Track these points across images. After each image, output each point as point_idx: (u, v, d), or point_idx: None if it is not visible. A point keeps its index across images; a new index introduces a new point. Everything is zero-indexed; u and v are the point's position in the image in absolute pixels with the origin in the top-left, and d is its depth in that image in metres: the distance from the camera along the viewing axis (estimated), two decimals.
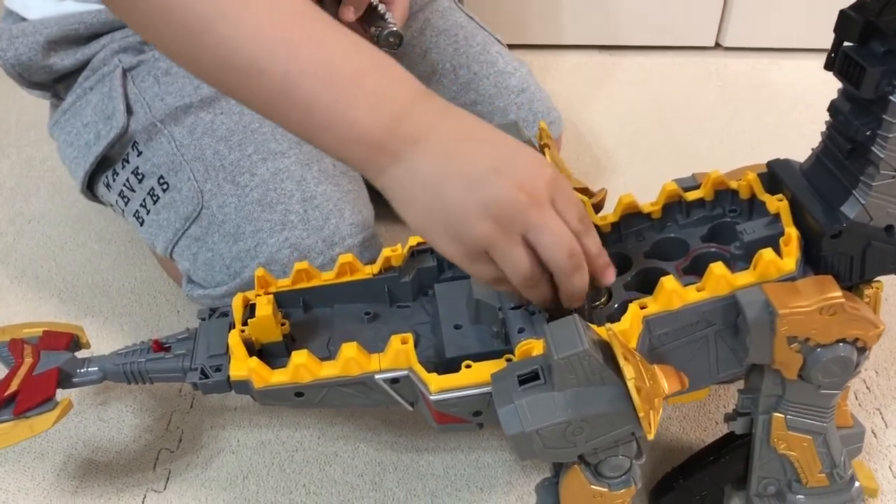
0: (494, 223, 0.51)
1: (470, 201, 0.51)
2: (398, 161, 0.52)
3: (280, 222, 0.74)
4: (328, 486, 0.72)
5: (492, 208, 0.50)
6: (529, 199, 0.51)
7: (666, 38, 1.29)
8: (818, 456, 0.61)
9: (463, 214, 0.51)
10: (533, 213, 0.51)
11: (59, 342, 0.66)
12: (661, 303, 0.54)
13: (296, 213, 0.74)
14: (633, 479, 0.55)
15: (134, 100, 0.81)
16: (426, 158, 0.52)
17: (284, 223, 0.74)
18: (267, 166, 0.76)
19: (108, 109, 0.81)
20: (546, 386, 0.50)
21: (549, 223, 0.52)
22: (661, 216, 0.64)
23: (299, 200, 0.75)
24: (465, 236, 0.51)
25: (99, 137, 0.81)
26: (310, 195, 0.75)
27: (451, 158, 0.52)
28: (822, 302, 0.51)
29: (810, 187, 0.57)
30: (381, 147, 0.52)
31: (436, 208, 0.52)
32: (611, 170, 1.08)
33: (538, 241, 0.52)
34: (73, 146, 0.84)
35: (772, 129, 1.13)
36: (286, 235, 0.73)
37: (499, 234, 0.51)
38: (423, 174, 0.52)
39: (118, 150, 0.81)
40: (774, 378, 0.58)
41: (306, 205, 0.75)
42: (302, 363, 0.56)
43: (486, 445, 0.75)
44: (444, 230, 0.52)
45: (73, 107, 0.84)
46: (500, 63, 0.93)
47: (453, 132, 0.53)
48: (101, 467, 0.75)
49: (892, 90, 0.48)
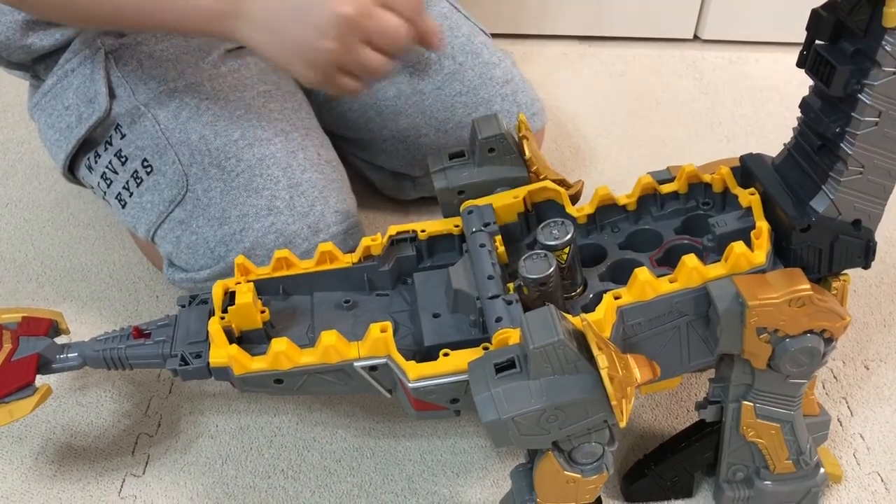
0: (336, 41, 0.61)
1: (308, 31, 0.61)
2: (238, 18, 0.64)
3: (266, 207, 0.74)
4: (306, 471, 0.73)
5: (328, 30, 0.61)
6: (356, 10, 0.61)
7: (645, 29, 1.30)
8: (785, 443, 0.63)
9: (305, 44, 0.62)
10: (362, 21, 0.61)
11: (38, 328, 0.66)
12: (635, 293, 0.55)
13: (282, 199, 0.74)
14: (606, 465, 0.56)
15: (117, 83, 0.81)
16: (257, 6, 0.63)
17: (270, 208, 0.74)
18: (253, 152, 0.76)
19: (91, 92, 0.80)
20: (522, 374, 0.51)
21: (380, 23, 0.63)
22: (636, 208, 0.65)
23: (285, 187, 0.75)
24: (316, 61, 0.62)
25: (81, 120, 0.81)
26: (296, 182, 0.76)
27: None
28: (790, 294, 0.53)
29: (781, 182, 0.58)
30: (220, 12, 0.64)
31: (284, 47, 0.63)
32: (590, 159, 1.09)
33: (377, 44, 0.63)
34: (54, 128, 0.84)
35: (748, 120, 1.14)
36: (272, 221, 0.74)
37: (343, 50, 0.62)
38: (262, 21, 0.63)
39: (100, 133, 0.81)
40: (744, 367, 0.59)
41: (292, 191, 0.75)
42: (282, 350, 0.57)
43: (463, 432, 0.76)
44: (298, 62, 0.63)
45: (54, 88, 0.84)
46: (485, 54, 0.93)
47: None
48: (79, 452, 0.75)
49: (861, 89, 0.50)
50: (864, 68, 0.49)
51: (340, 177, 0.81)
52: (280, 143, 0.78)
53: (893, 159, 0.53)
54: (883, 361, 0.81)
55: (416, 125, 0.92)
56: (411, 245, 0.67)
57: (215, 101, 0.79)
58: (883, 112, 0.50)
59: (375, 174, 1.00)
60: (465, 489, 0.72)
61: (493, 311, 0.58)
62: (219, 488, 0.72)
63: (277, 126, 0.79)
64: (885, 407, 0.77)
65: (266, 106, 0.81)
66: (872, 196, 0.54)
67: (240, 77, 0.82)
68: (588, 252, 0.65)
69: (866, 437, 0.74)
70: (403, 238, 0.67)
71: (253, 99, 0.80)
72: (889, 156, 0.52)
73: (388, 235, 0.66)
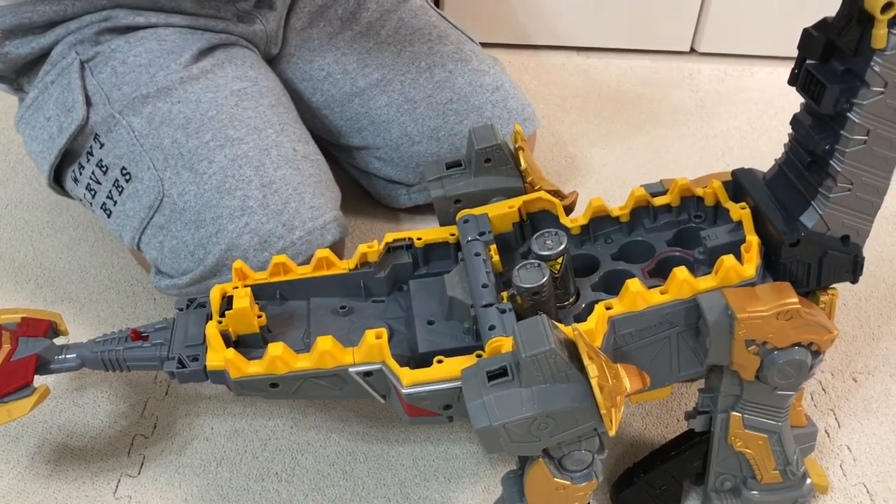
0: None
1: None
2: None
3: (239, 208, 0.75)
4: (300, 474, 0.74)
5: None
6: None
7: (642, 41, 1.31)
8: (773, 454, 0.64)
9: None
10: None
11: (37, 329, 0.66)
12: (626, 304, 0.56)
13: (255, 199, 0.75)
14: (595, 472, 0.57)
15: (93, 91, 0.81)
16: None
17: (244, 209, 0.75)
18: (225, 153, 0.77)
19: (69, 102, 0.81)
20: (514, 382, 0.52)
21: None
22: (629, 220, 0.66)
23: (258, 186, 0.75)
24: None
25: (61, 130, 0.81)
26: (269, 180, 0.76)
27: None
28: (779, 307, 0.54)
29: (772, 196, 0.59)
30: None
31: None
32: (584, 170, 1.10)
33: None
34: (37, 140, 0.84)
35: (743, 133, 1.15)
36: (246, 221, 0.74)
37: None
38: None
39: (81, 143, 0.81)
40: (733, 378, 0.60)
41: (265, 190, 0.75)
42: (278, 355, 0.58)
43: (455, 437, 0.77)
44: None
45: (35, 101, 0.84)
46: (475, 62, 0.94)
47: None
48: (75, 452, 0.76)
49: (850, 107, 0.51)
50: (854, 87, 0.50)
51: (318, 171, 0.81)
52: (253, 141, 0.78)
53: (881, 177, 0.54)
54: (871, 374, 0.82)
55: (408, 133, 0.92)
56: (407, 253, 0.68)
57: (187, 104, 0.79)
58: (871, 130, 0.51)
59: (369, 182, 1.00)
60: (456, 494, 0.72)
61: (487, 320, 0.58)
62: (213, 490, 0.73)
63: (251, 124, 0.79)
64: (872, 419, 0.78)
65: (239, 105, 0.81)
66: (861, 212, 0.55)
67: (212, 77, 0.82)
68: (581, 262, 0.66)
69: (853, 449, 0.75)
70: (400, 245, 0.68)
71: (225, 99, 0.80)
72: (877, 173, 0.53)
73: (384, 243, 0.67)
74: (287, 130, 0.82)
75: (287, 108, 0.86)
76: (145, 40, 0.83)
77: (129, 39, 0.82)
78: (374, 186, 1.00)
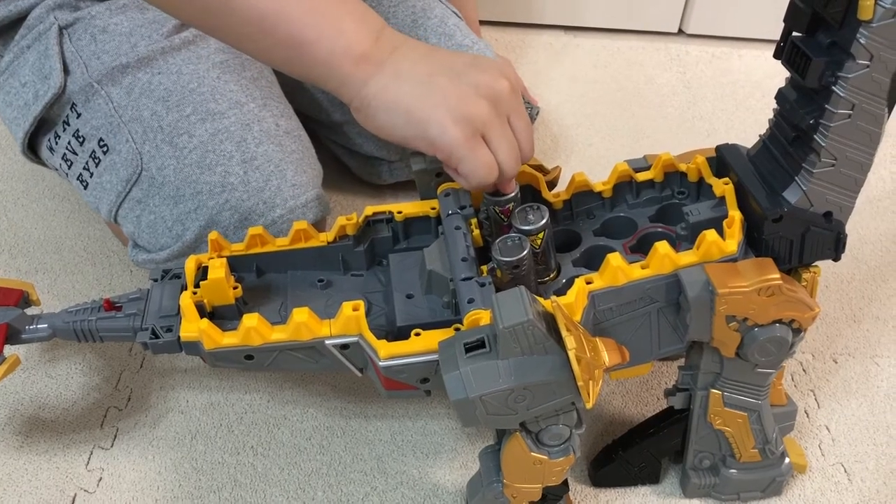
0: (489, 103, 0.59)
1: (462, 86, 0.59)
2: (382, 68, 0.60)
3: (220, 184, 0.73)
4: (276, 448, 0.73)
5: (483, 90, 0.59)
6: (510, 86, 0.60)
7: (630, 21, 1.30)
8: (752, 432, 0.64)
9: (461, 95, 0.58)
10: (514, 98, 0.61)
11: (8, 298, 0.65)
12: (607, 279, 0.56)
13: (236, 175, 0.73)
14: (573, 447, 0.57)
15: (71, 59, 0.79)
16: (408, 62, 0.60)
17: (224, 185, 0.73)
18: (206, 127, 0.75)
19: (45, 69, 0.79)
20: (491, 354, 0.51)
21: (522, 111, 0.61)
22: (611, 195, 0.66)
23: (239, 162, 0.74)
24: (468, 113, 0.58)
25: (37, 97, 0.79)
26: (250, 156, 0.74)
27: (429, 59, 0.61)
28: (760, 283, 0.53)
29: (756, 172, 0.58)
30: (367, 56, 0.60)
31: (430, 97, 0.59)
32: (569, 149, 1.09)
33: (515, 126, 0.61)
34: (12, 106, 0.82)
35: (729, 115, 1.15)
36: (226, 197, 0.73)
37: (494, 115, 0.59)
38: (409, 73, 0.59)
39: (57, 111, 0.80)
40: (713, 355, 0.60)
41: (246, 166, 0.74)
42: (253, 326, 0.57)
43: (433, 413, 0.76)
44: (443, 113, 0.58)
45: (10, 66, 0.82)
46: (458, 36, 0.93)
47: (420, 45, 0.63)
48: (47, 424, 0.75)
49: (835, 81, 0.50)
50: (839, 60, 0.50)
51: (301, 147, 0.79)
52: (234, 116, 0.76)
53: (865, 152, 0.53)
54: (851, 356, 0.82)
55: None
56: (387, 226, 0.67)
57: (168, 76, 0.77)
58: (856, 105, 0.51)
59: (350, 158, 0.99)
60: (434, 470, 0.72)
61: (466, 293, 0.58)
62: (187, 463, 0.72)
63: (232, 98, 0.77)
64: (851, 400, 0.78)
65: (221, 78, 0.79)
66: (844, 188, 0.55)
67: (194, 49, 0.80)
68: (563, 238, 0.65)
69: (832, 429, 0.75)
70: (379, 219, 0.67)
71: (207, 71, 0.78)
72: (861, 148, 0.53)
73: (364, 216, 0.66)
74: (269, 105, 0.80)
75: (270, 81, 0.85)
76: (127, 8, 0.81)
77: (109, 6, 0.81)
78: (355, 163, 0.99)
